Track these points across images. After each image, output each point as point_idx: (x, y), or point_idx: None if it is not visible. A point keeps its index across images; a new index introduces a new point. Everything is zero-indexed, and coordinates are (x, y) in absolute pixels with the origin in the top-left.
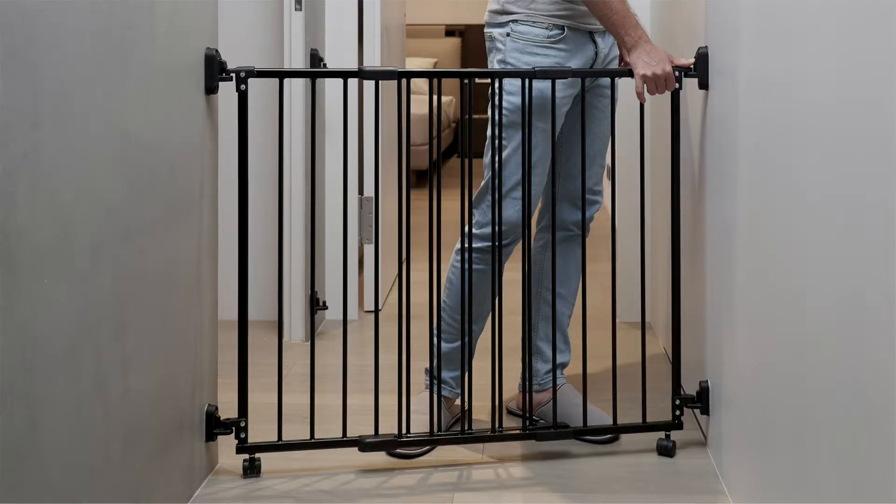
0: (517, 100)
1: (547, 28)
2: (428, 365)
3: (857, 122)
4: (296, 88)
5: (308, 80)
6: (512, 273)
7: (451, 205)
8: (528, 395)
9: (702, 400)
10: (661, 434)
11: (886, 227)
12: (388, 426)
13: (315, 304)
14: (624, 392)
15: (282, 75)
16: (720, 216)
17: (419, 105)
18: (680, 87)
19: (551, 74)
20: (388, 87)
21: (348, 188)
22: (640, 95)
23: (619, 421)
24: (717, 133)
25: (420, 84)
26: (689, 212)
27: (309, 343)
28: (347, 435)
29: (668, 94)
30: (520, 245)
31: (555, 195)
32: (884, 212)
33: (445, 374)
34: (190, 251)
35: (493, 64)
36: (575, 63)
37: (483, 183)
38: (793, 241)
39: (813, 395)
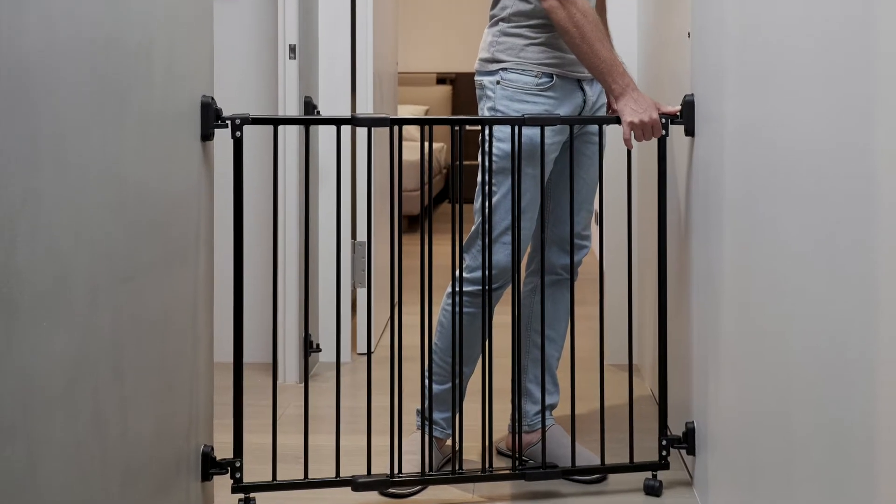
0: (507, 146)
1: (536, 76)
2: (419, 406)
3: (840, 169)
4: (290, 135)
5: (302, 127)
6: (502, 316)
7: (442, 249)
8: (517, 435)
9: (688, 440)
10: (648, 474)
11: (869, 272)
12: (381, 466)
13: (309, 347)
14: (611, 433)
15: (276, 122)
16: (706, 261)
17: (411, 151)
18: (666, 134)
19: (540, 121)
20: (381, 133)
21: (341, 233)
22: (627, 142)
23: (607, 461)
24: (702, 179)
25: (412, 131)
26: (676, 256)
27: (303, 385)
28: (341, 475)
29: (654, 141)
30: (509, 289)
31: (544, 240)
32: (866, 257)
33: (437, 416)
34: (186, 294)
35: (484, 111)
36: (563, 110)
37: (474, 228)
38: (777, 286)
39: (797, 436)
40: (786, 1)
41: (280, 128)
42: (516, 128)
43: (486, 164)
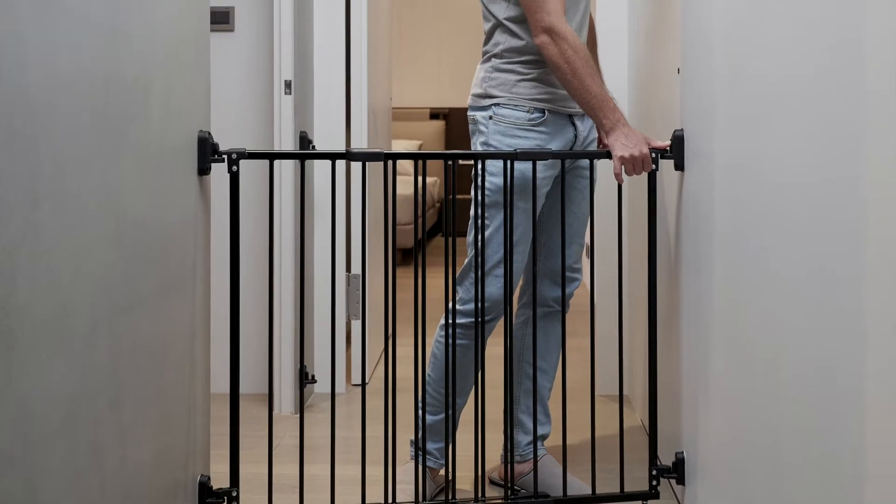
0: (499, 180)
1: (528, 111)
2: (413, 436)
3: (828, 203)
4: (286, 169)
5: (297, 161)
6: (494, 348)
7: (435, 282)
8: (509, 465)
9: (678, 470)
10: (639, 503)
11: (856, 304)
12: (375, 496)
13: (304, 378)
14: (602, 462)
15: (272, 157)
16: (695, 292)
17: (405, 185)
18: (657, 169)
19: (532, 156)
20: (375, 168)
21: (336, 265)
22: (617, 176)
23: (598, 491)
24: (692, 212)
25: (405, 165)
26: (666, 288)
27: (298, 415)
28: None
29: (645, 175)
30: (502, 321)
31: (536, 273)
32: (853, 289)
33: (430, 446)
34: (183, 326)
35: (476, 146)
36: (555, 145)
37: (467, 261)
38: (766, 317)
39: (786, 466)
40: (774, 38)
41: (276, 162)
42: (508, 162)
43: (479, 197)
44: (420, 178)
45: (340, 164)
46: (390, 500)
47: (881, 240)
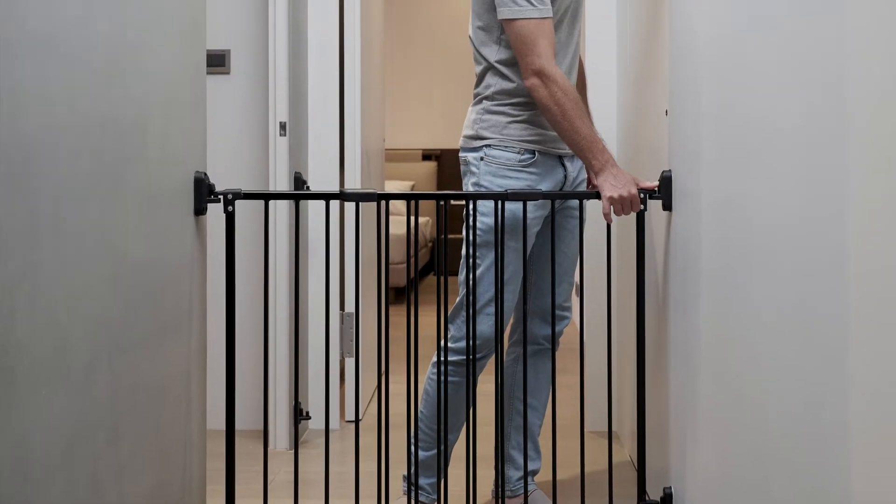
0: (490, 220)
1: (519, 152)
2: (406, 472)
3: (812, 241)
4: (280, 209)
5: (292, 201)
6: (485, 385)
7: (427, 320)
8: (500, 500)
9: None
10: None
11: (842, 342)
12: None
13: (299, 415)
14: (592, 498)
15: (267, 197)
16: (683, 330)
17: (397, 225)
18: (645, 209)
19: (523, 196)
20: (368, 208)
21: (330, 304)
22: (606, 216)
23: None
24: (680, 252)
25: (398, 205)
26: (654, 326)
27: (293, 451)
28: None
29: (633, 215)
30: (493, 358)
31: (526, 311)
32: (837, 327)
33: (422, 481)
34: (180, 364)
35: (468, 186)
36: (545, 185)
37: (458, 299)
38: (753, 354)
39: (774, 501)
40: (759, 81)
41: (271, 202)
42: (499, 202)
43: (471, 237)
44: (412, 218)
45: (334, 204)
46: None
47: (864, 277)
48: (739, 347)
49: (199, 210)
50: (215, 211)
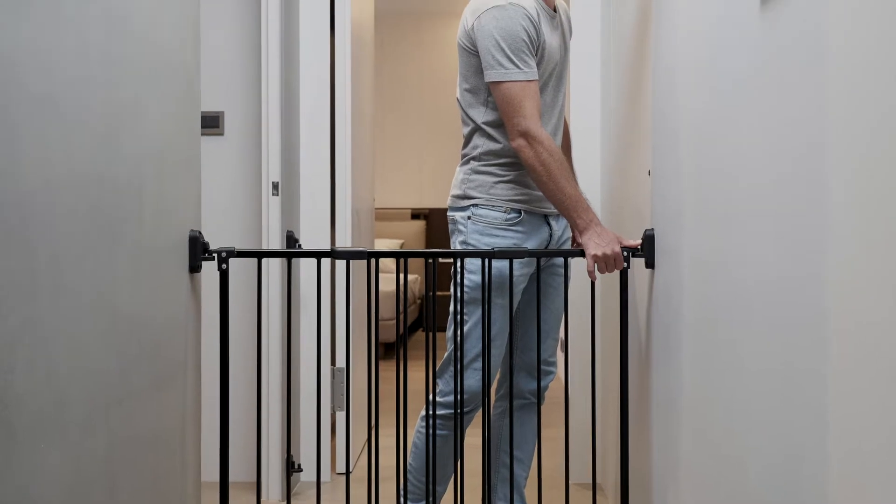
0: (477, 278)
1: (505, 212)
2: None
3: (791, 299)
4: (273, 267)
5: (284, 259)
6: (473, 438)
7: (416, 375)
8: None
9: None
10: None
11: (820, 397)
12: None
13: (291, 467)
14: None
15: (260, 255)
16: (665, 385)
17: (387, 282)
18: (628, 267)
19: (509, 255)
20: (359, 265)
21: (321, 359)
22: (591, 274)
23: None
24: (662, 308)
25: (388, 263)
26: (637, 381)
27: (285, 503)
28: None
29: (617, 273)
30: (480, 412)
31: (512, 366)
32: (818, 382)
33: None
34: (175, 417)
35: (456, 245)
36: (531, 244)
37: (446, 355)
38: (733, 409)
39: None
40: (740, 143)
41: (264, 260)
42: (486, 260)
43: (458, 294)
44: (402, 276)
45: (325, 261)
46: None
47: (841, 334)
48: (720, 402)
49: (194, 267)
50: (210, 268)
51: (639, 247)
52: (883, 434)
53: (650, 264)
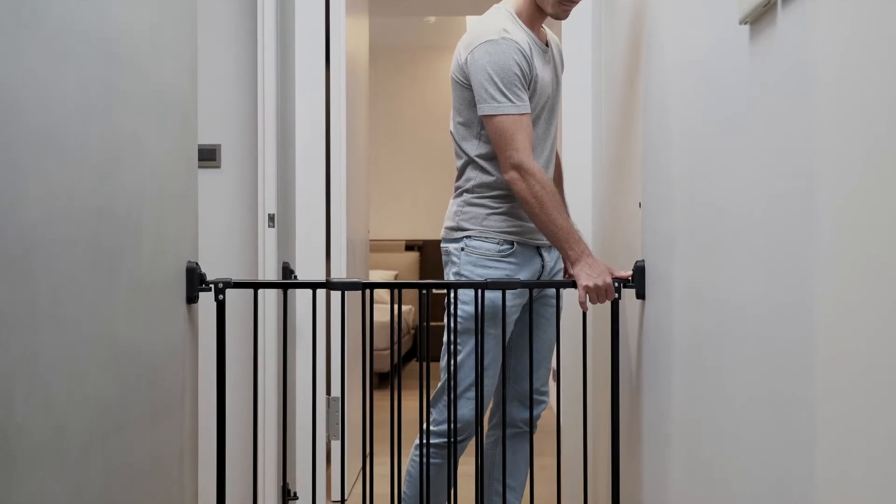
0: (471, 308)
1: (498, 243)
2: None
3: (779, 326)
4: (269, 297)
5: (280, 290)
6: (466, 466)
7: (410, 404)
8: None
9: None
10: None
11: (809, 423)
12: None
13: (287, 495)
14: None
15: (256, 286)
16: (656, 413)
17: (381, 313)
18: (619, 297)
19: (502, 285)
20: (353, 296)
21: (317, 388)
22: (582, 304)
23: None
24: (652, 338)
25: (382, 294)
26: (628, 410)
27: None
28: None
29: (608, 303)
30: (473, 441)
31: (505, 395)
32: (806, 409)
33: None
34: (173, 446)
35: (449, 276)
36: (523, 275)
37: (440, 384)
38: (723, 435)
39: None
40: (729, 175)
41: (260, 291)
42: (479, 291)
43: (452, 324)
44: (396, 306)
45: (321, 292)
46: None
47: (828, 362)
48: (709, 430)
49: (191, 298)
50: (207, 299)
51: (629, 278)
52: (869, 461)
53: (641, 295)
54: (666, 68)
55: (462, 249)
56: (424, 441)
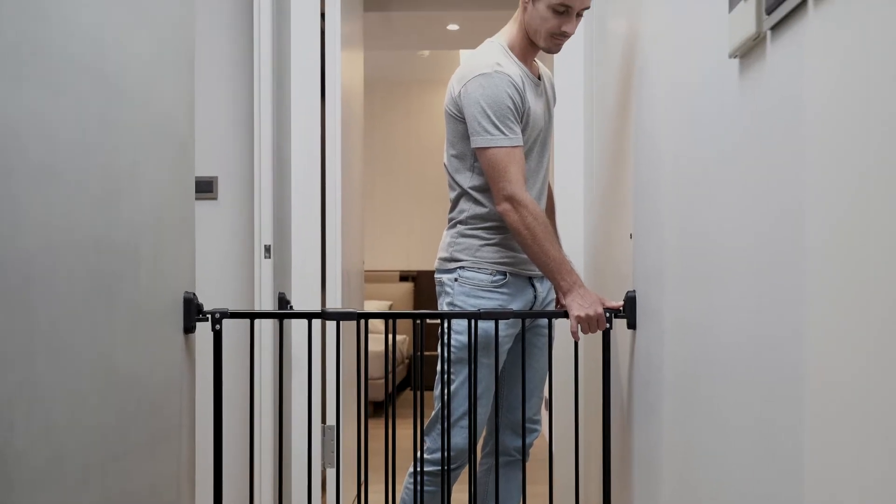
0: (464, 338)
1: (491, 274)
2: None
3: (768, 357)
4: (265, 327)
5: (276, 320)
6: (459, 494)
7: (404, 432)
8: None
9: None
10: None
11: (797, 451)
12: None
13: None
14: None
15: (252, 316)
16: (646, 441)
17: (376, 343)
18: (610, 327)
19: (495, 315)
20: (348, 326)
21: (312, 417)
22: (574, 334)
23: None
24: (643, 368)
25: (377, 324)
26: (619, 438)
27: None
28: None
29: (599, 333)
30: (467, 469)
31: (498, 424)
32: (795, 437)
33: None
34: (170, 473)
35: (443, 306)
36: (516, 305)
37: (434, 413)
38: (713, 464)
39: None
40: (720, 207)
41: (256, 321)
42: (473, 321)
43: (445, 354)
44: (390, 336)
45: (316, 322)
46: None
47: (818, 392)
48: (700, 459)
49: (188, 328)
50: (204, 329)
51: (621, 308)
52: (860, 490)
53: (632, 325)
54: (656, 101)
55: (455, 280)
56: (418, 469)
